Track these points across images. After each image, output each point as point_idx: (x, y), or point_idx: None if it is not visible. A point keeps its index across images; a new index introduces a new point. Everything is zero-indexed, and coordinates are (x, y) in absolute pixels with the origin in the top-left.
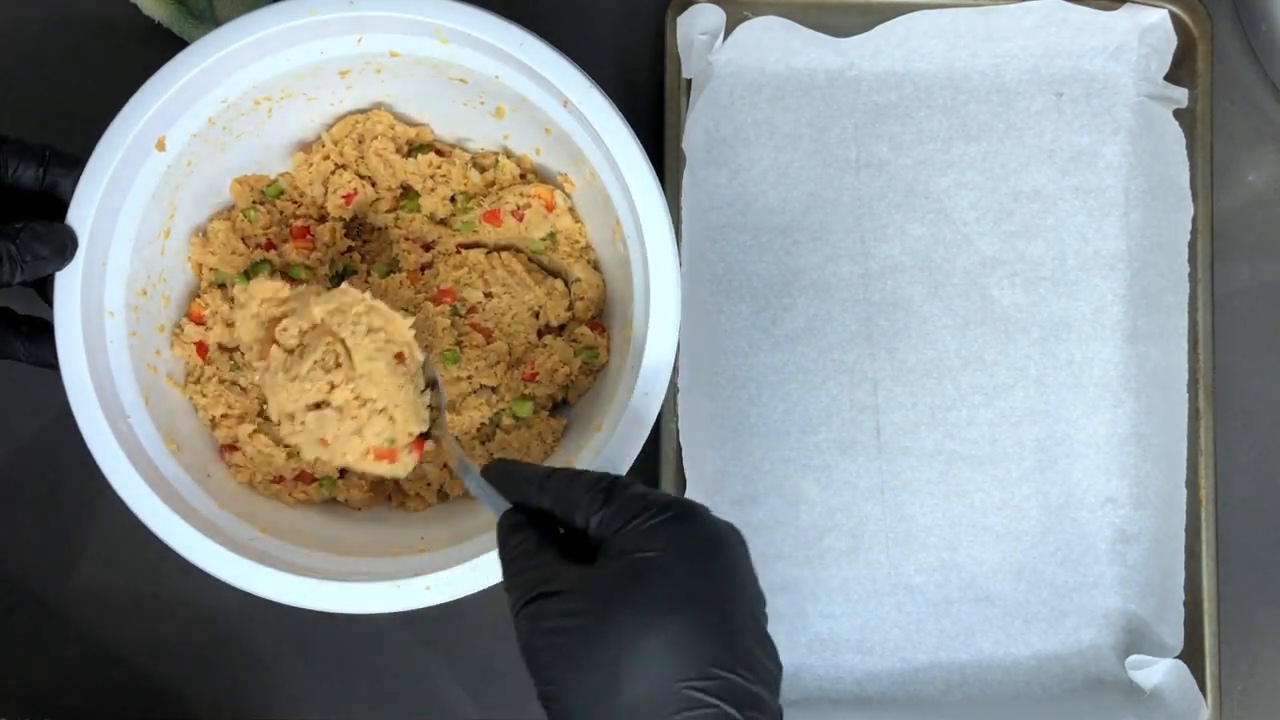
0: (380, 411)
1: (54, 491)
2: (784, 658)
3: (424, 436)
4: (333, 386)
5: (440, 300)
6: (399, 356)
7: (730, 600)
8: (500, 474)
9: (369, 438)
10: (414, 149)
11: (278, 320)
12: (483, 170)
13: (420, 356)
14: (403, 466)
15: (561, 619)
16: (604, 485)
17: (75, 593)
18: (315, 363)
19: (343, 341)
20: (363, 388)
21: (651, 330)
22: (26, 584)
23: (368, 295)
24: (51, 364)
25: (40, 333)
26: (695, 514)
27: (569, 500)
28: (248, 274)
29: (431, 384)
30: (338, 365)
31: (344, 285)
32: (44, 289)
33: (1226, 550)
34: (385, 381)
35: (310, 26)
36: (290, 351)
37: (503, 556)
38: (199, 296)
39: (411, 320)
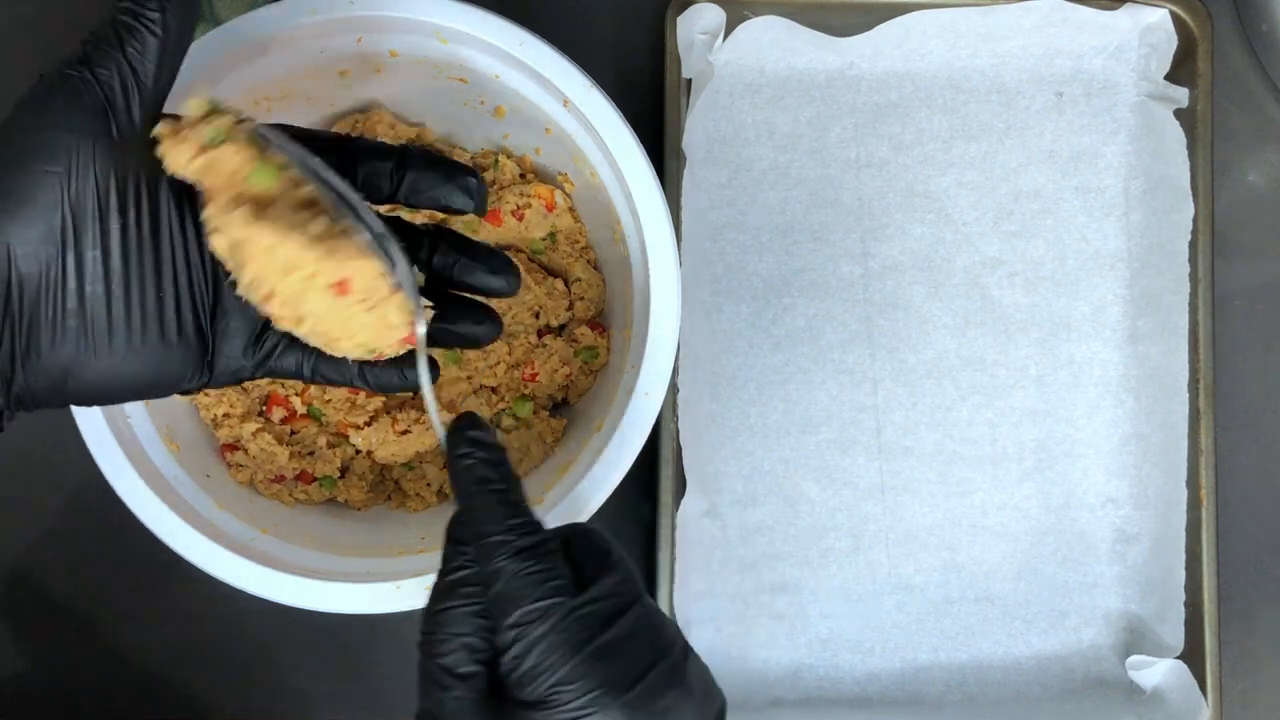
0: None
1: (58, 492)
2: (784, 657)
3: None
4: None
5: None
6: (340, 285)
7: None
8: (467, 464)
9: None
10: None
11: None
12: (482, 170)
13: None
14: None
15: None
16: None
17: (78, 594)
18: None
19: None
20: (311, 328)
21: (651, 330)
22: (29, 585)
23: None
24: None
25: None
26: None
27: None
28: None
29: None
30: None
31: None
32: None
33: (1226, 550)
34: (330, 318)
35: (310, 26)
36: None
37: (436, 620)
38: None
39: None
